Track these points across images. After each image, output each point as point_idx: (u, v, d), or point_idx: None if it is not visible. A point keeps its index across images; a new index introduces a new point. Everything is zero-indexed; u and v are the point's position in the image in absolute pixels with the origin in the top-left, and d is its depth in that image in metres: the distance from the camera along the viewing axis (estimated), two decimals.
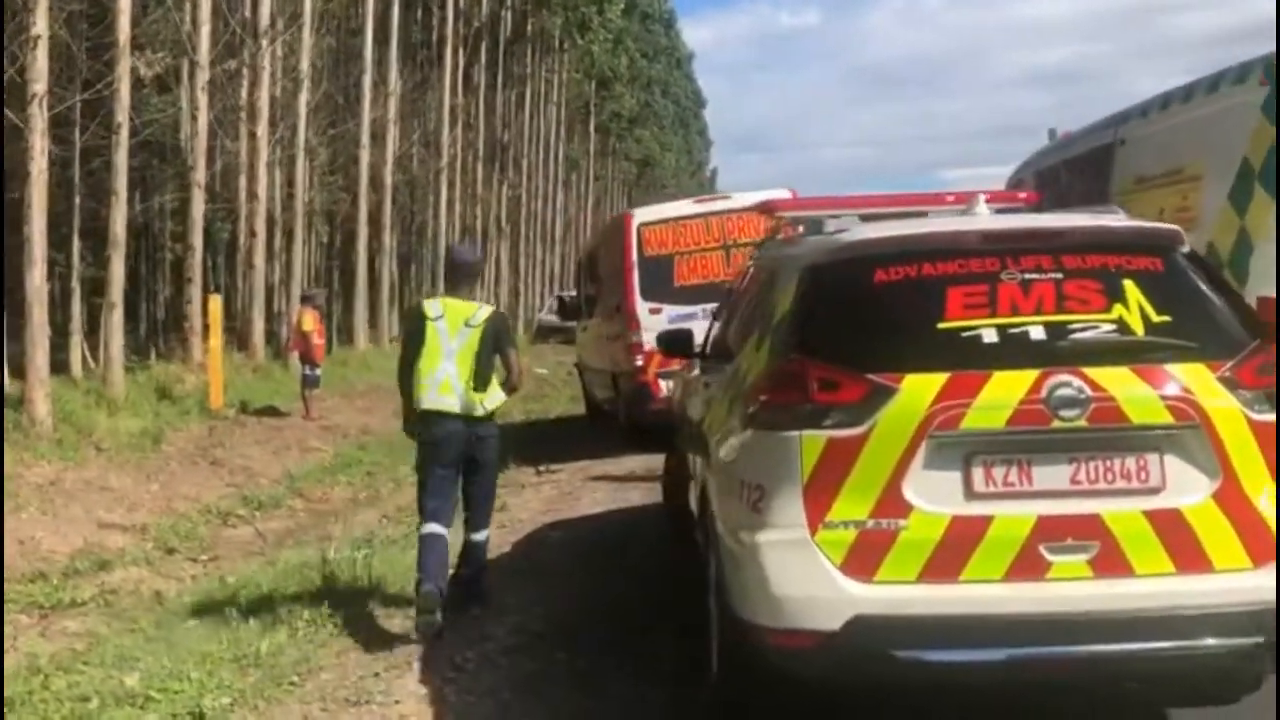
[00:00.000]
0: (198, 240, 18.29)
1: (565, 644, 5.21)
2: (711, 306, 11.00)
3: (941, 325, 3.45)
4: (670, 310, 10.96)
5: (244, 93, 20.34)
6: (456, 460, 5.66)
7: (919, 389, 3.35)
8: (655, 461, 10.59)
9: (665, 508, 7.31)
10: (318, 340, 15.71)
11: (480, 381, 5.63)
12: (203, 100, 18.21)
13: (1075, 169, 7.75)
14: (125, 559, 8.32)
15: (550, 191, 43.17)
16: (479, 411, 5.62)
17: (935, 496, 3.34)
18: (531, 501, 9.16)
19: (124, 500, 10.32)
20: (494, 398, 5.69)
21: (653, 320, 10.87)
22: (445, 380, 5.61)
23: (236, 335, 20.39)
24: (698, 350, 5.86)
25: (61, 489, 10.29)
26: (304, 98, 22.02)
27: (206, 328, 19.75)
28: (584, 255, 16.32)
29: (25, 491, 9.91)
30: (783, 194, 11.33)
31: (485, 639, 5.37)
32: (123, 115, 15.67)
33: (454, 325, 5.67)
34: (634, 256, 11.29)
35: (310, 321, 15.49)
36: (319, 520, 10.27)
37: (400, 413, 6.14)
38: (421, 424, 5.72)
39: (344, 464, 12.90)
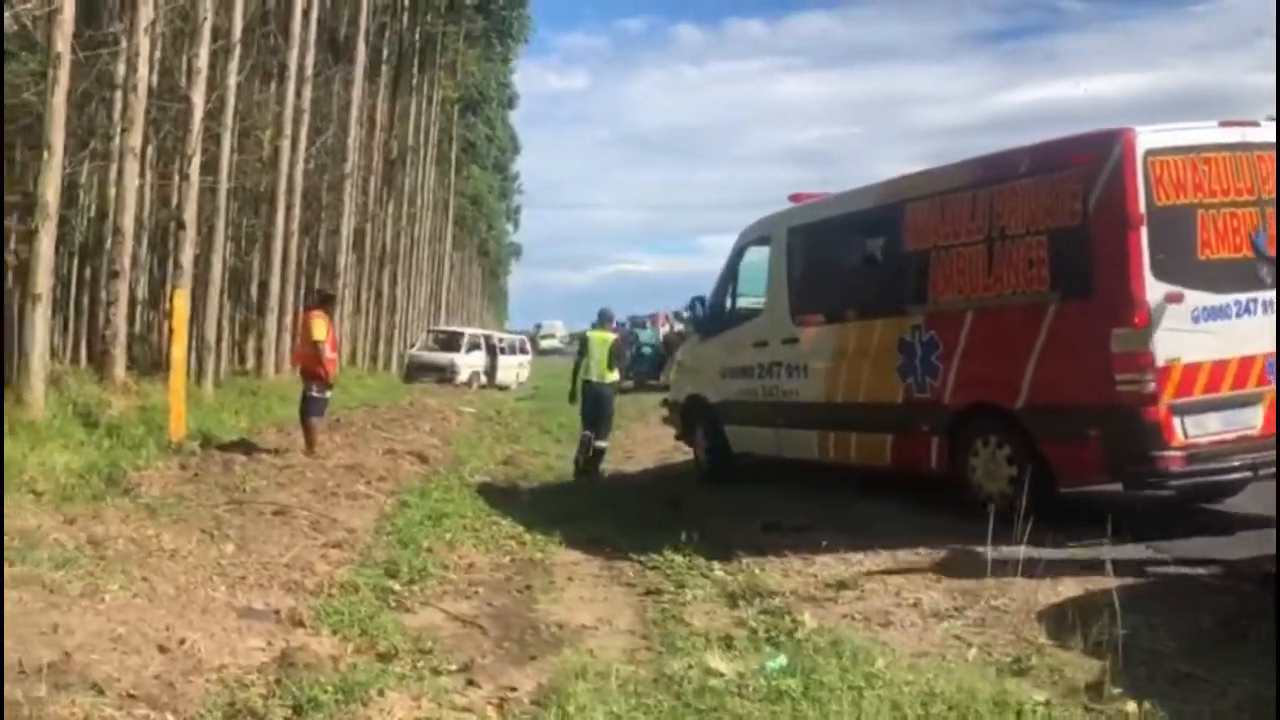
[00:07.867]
0: (128, 223, 14.09)
1: None
2: (1250, 298, 7.05)
3: None
4: (1194, 299, 7.00)
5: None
6: (597, 404, 12.95)
7: None
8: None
9: None
10: (331, 354, 11.97)
11: (610, 368, 13.00)
12: (144, 44, 14.14)
13: None
14: (369, 678, 4.82)
15: (421, 217, 39.25)
16: (609, 381, 13.02)
17: None
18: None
19: (213, 570, 6.68)
20: (614, 375, 13.20)
21: (1168, 314, 6.94)
22: (595, 366, 12.93)
23: (150, 350, 16.09)
24: None
25: (111, 550, 6.58)
26: (234, 65, 18.03)
27: (133, 337, 15.60)
28: (829, 220, 10.03)
29: (69, 554, 6.21)
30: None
31: None
32: (64, 44, 11.72)
33: (599, 342, 13.05)
34: (1140, 204, 6.94)
35: (322, 328, 11.78)
36: (505, 597, 7.04)
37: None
38: (583, 388, 13.11)
39: (428, 516, 9.47)
